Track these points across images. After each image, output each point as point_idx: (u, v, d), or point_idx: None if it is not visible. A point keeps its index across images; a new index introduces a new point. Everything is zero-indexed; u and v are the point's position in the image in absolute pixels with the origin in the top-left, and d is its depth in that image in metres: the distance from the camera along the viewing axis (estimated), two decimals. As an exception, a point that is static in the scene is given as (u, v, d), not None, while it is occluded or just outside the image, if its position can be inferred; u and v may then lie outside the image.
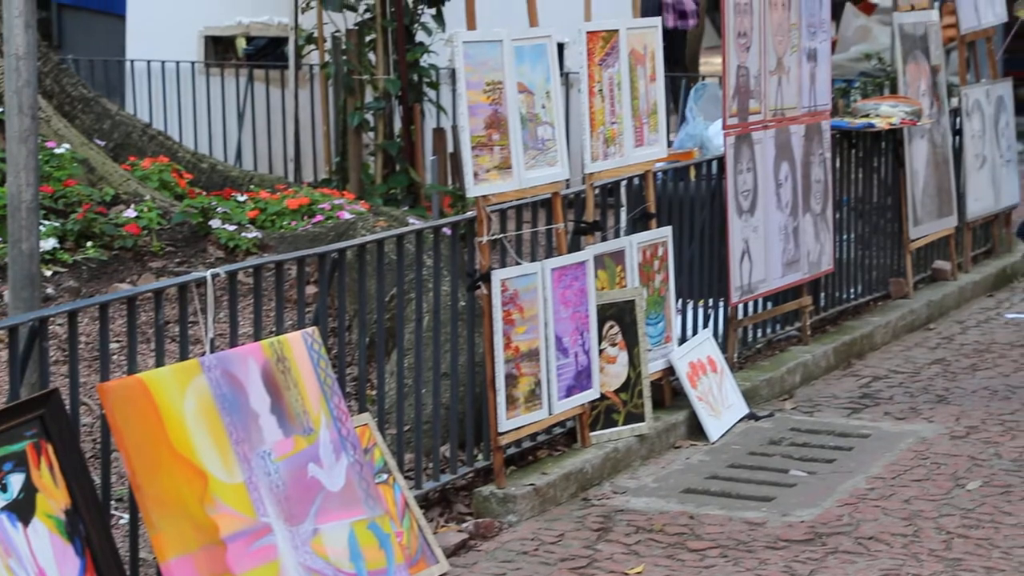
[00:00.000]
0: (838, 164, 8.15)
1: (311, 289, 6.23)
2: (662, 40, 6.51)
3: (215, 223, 7.23)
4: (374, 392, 5.55)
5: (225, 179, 8.52)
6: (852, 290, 8.38)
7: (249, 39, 11.93)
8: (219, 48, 11.88)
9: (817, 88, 7.73)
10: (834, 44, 15.49)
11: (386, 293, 5.66)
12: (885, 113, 8.36)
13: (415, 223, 6.91)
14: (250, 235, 7.17)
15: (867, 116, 8.36)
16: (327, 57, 10.06)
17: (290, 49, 10.93)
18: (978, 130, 9.49)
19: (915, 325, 8.51)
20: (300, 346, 4.69)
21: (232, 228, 7.19)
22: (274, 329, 5.02)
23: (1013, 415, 6.90)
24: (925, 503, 5.81)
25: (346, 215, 7.47)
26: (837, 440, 6.58)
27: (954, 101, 9.39)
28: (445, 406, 5.78)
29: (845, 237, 8.30)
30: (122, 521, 4.97)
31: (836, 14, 16.38)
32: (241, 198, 7.75)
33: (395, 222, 7.40)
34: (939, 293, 8.89)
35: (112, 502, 4.73)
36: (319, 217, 7.53)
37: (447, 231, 5.88)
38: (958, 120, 9.36)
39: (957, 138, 9.36)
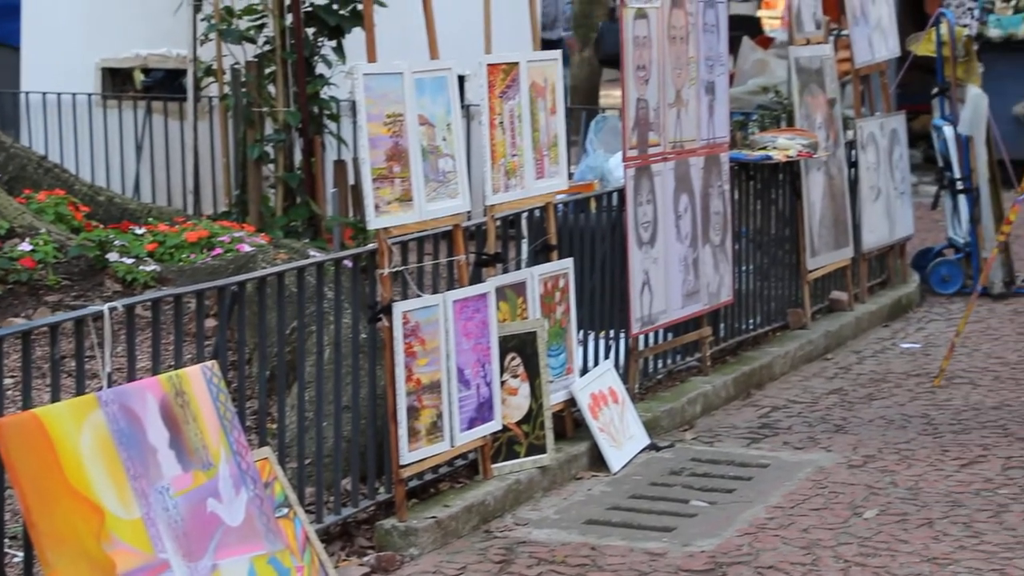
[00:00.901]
0: (736, 196, 8.22)
1: (211, 322, 6.18)
2: None
3: (112, 256, 7.16)
4: (275, 426, 5.51)
5: (123, 212, 8.43)
6: (751, 321, 8.45)
7: (147, 71, 11.84)
8: (116, 80, 11.77)
9: (715, 121, 7.80)
10: (732, 77, 15.65)
11: (287, 326, 5.62)
12: (782, 145, 8.45)
13: (316, 255, 6.88)
14: (148, 268, 7.10)
15: (765, 148, 8.45)
16: (226, 89, 10.00)
17: (189, 81, 10.86)
18: (873, 162, 9.62)
19: (813, 355, 8.60)
20: (199, 380, 4.65)
21: (130, 261, 7.12)
22: (173, 363, 4.97)
23: (908, 444, 6.98)
24: (823, 532, 5.85)
25: (246, 248, 7.42)
26: (737, 470, 6.63)
27: (849, 134, 9.51)
28: (346, 439, 5.75)
29: (744, 268, 8.37)
30: (16, 559, 4.89)
31: (733, 48, 16.55)
32: (139, 231, 7.68)
33: (296, 254, 7.36)
34: (836, 323, 8.98)
35: (6, 540, 4.65)
36: (218, 250, 7.48)
37: (348, 263, 5.86)
38: (853, 152, 9.49)
39: (853, 170, 9.48)
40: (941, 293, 10.08)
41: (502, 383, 6.21)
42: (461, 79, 6.90)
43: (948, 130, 10.02)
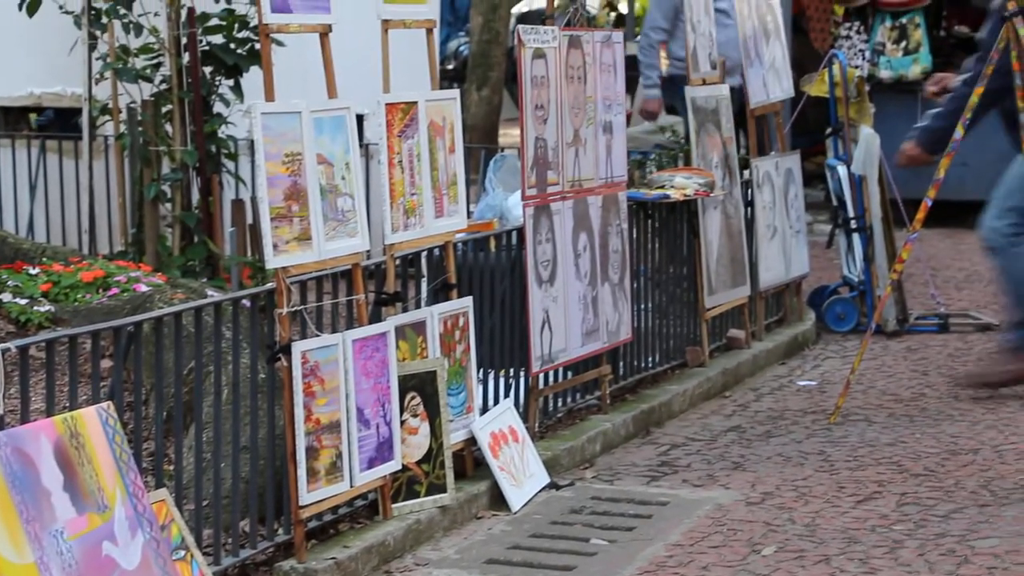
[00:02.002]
0: (635, 234, 8.28)
1: (107, 363, 6.11)
2: None
3: (6, 297, 7.07)
4: (172, 467, 5.45)
5: (16, 252, 8.33)
6: (650, 359, 8.49)
7: (41, 110, 11.71)
8: (10, 119, 11.63)
9: (613, 160, 7.86)
10: (629, 117, 15.77)
11: (184, 366, 5.57)
12: (680, 184, 8.52)
13: (214, 295, 6.82)
14: (43, 309, 7.02)
15: (662, 187, 8.52)
16: (122, 128, 9.91)
17: (84, 120, 10.76)
18: (769, 201, 9.72)
19: (711, 393, 8.65)
20: (95, 422, 4.59)
21: (24, 302, 7.04)
22: (68, 404, 4.91)
23: (806, 480, 7.04)
24: (722, 569, 5.88)
25: (143, 287, 7.35)
26: (637, 508, 6.65)
27: (745, 173, 9.61)
28: (245, 480, 5.70)
29: (643, 306, 8.42)
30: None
31: (631, 87, 16.70)
32: (33, 271, 7.58)
33: (193, 294, 7.30)
34: (734, 361, 9.05)
35: None
36: (115, 290, 7.40)
37: (246, 303, 5.82)
38: (750, 191, 9.59)
39: (749, 209, 9.57)
40: (836, 331, 10.19)
41: (402, 422, 6.19)
42: (360, 118, 6.91)
43: (842, 170, 10.15)
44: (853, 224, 10.12)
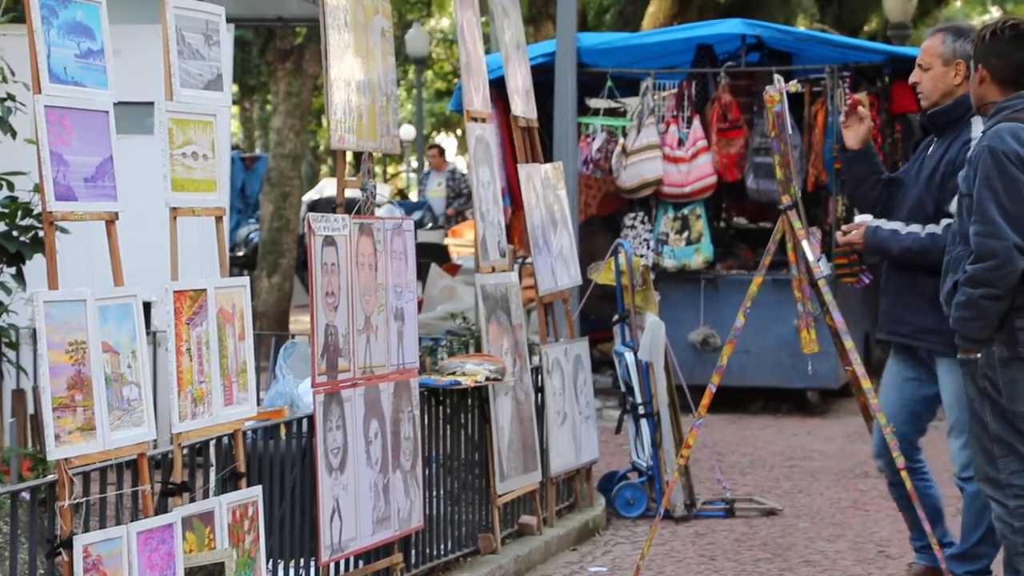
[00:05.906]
0: (427, 421, 8.27)
1: None
2: None
3: None
4: (-57, 670, 5.22)
5: None
6: (442, 546, 8.43)
7: None
8: None
9: (405, 346, 7.87)
10: (420, 303, 15.87)
11: (-42, 562, 5.37)
12: (471, 371, 8.56)
13: (-9, 488, 6.60)
14: None
15: (454, 374, 8.55)
16: (-102, 315, 9.63)
17: None
18: (559, 387, 9.81)
19: (504, 580, 8.61)
20: None
21: None
22: None
23: (600, 667, 7.02)
24: None
25: (-84, 480, 7.09)
26: None
27: (535, 359, 9.70)
28: None
29: (435, 493, 8.38)
30: None
31: (422, 274, 16.85)
32: None
33: (-30, 487, 7.06)
34: (526, 548, 9.03)
35: None
36: None
37: (26, 496, 5.64)
38: (540, 378, 9.67)
39: (539, 395, 9.64)
40: (626, 516, 10.25)
41: (188, 617, 6.03)
42: (147, 305, 6.82)
43: (629, 356, 10.32)
44: (641, 410, 10.25)
